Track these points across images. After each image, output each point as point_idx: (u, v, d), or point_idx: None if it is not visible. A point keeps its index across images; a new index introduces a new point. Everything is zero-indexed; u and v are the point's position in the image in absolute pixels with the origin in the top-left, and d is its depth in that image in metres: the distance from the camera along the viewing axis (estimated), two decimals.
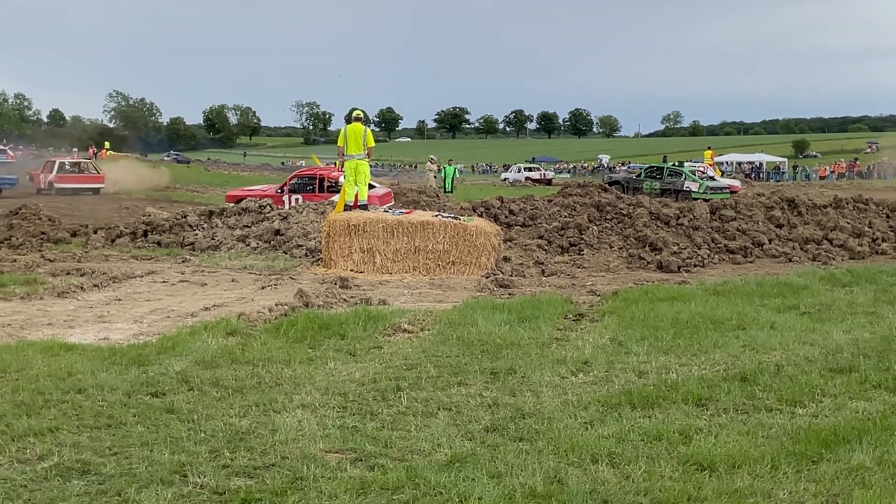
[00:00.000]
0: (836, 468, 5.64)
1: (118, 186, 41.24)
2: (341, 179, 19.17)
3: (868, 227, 20.30)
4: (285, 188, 25.30)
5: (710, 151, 50.02)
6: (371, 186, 21.25)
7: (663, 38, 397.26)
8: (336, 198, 19.68)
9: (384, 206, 20.36)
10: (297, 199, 24.43)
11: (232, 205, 21.65)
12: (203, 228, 19.85)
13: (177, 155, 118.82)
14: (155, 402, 7.01)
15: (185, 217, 20.56)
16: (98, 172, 41.04)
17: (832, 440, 6.07)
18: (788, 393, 7.36)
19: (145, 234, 19.60)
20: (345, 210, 17.24)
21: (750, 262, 17.94)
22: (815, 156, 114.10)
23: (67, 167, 40.49)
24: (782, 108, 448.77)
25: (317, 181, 25.26)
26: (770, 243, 19.00)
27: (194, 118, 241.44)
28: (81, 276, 14.50)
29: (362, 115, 18.02)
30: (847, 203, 22.18)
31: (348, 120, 18.26)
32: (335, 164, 27.11)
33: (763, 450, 5.94)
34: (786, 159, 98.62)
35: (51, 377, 7.64)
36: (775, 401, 7.19)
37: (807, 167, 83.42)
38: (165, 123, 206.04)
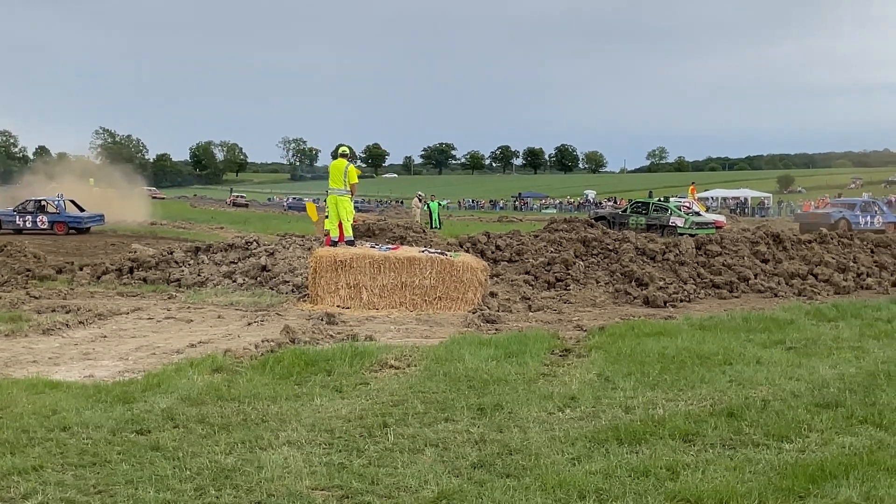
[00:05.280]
0: None
1: None
2: None
3: (853, 262, 20.37)
4: None
5: (693, 187, 50.39)
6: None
7: (648, 75, 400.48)
8: None
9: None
10: None
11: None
12: (189, 265, 19.80)
13: (238, 196, 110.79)
14: (140, 440, 6.97)
15: (171, 253, 20.53)
16: None
17: (819, 475, 6.07)
18: (775, 428, 7.36)
19: (131, 270, 19.54)
20: (330, 246, 17.25)
21: (736, 297, 17.97)
22: (800, 191, 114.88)
23: None
24: (767, 144, 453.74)
25: None
26: (756, 278, 19.05)
27: (181, 154, 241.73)
28: (67, 313, 14.44)
29: (348, 152, 18.09)
30: (832, 238, 22.29)
31: (334, 156, 18.34)
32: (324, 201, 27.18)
33: (750, 485, 5.93)
34: (770, 195, 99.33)
35: (35, 415, 7.59)
36: (762, 436, 7.19)
37: (791, 202, 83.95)
38: (152, 160, 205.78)
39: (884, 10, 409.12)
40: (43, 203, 37.82)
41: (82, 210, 38.86)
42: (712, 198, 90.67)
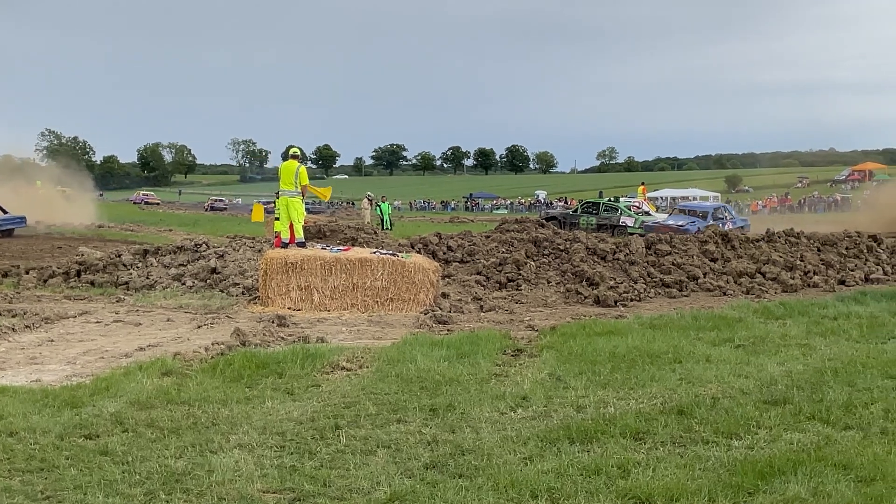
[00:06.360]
0: (772, 500, 5.71)
1: None
2: None
3: (800, 261, 20.62)
4: None
5: (643, 187, 50.74)
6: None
7: (598, 76, 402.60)
8: None
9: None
10: None
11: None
12: (138, 267, 19.59)
13: (217, 199, 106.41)
14: (88, 445, 6.89)
15: (119, 256, 20.30)
16: None
17: (768, 472, 6.14)
18: (724, 425, 7.44)
19: (78, 273, 19.29)
20: (280, 247, 17.16)
21: (685, 295, 18.14)
22: (748, 190, 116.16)
23: None
24: (715, 144, 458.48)
25: None
26: (704, 277, 19.24)
27: (128, 156, 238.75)
28: (13, 317, 14.21)
29: (299, 153, 18.04)
30: (779, 237, 22.55)
31: (285, 157, 18.26)
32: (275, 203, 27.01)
33: (700, 482, 5.99)
34: (719, 194, 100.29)
35: None
36: (712, 433, 7.27)
37: (739, 202, 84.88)
38: (99, 162, 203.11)
39: (824, 10, 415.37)
40: None
41: (5, 212, 37.83)
42: (662, 197, 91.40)
